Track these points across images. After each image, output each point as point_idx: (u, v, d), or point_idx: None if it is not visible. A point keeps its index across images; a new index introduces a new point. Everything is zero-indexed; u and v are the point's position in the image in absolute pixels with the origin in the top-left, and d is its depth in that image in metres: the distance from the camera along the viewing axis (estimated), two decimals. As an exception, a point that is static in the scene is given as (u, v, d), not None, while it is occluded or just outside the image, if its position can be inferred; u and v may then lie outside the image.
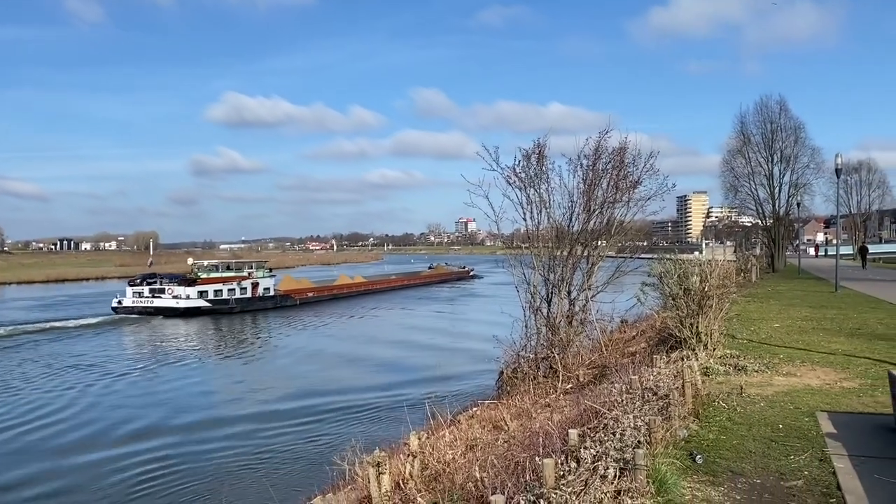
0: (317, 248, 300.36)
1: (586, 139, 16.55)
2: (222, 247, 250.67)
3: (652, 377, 8.40)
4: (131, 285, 54.44)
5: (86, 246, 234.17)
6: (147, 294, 53.02)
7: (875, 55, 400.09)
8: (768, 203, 51.18)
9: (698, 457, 6.98)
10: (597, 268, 17.18)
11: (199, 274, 56.19)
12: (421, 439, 9.73)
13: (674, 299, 13.40)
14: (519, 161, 16.27)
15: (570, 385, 14.41)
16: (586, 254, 16.97)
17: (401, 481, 8.52)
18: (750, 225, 70.44)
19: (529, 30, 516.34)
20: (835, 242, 49.80)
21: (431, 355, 31.38)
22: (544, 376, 15.22)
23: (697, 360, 11.12)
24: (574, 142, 16.85)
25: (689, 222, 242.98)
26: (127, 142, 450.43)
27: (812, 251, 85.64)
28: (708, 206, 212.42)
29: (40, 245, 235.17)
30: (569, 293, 16.60)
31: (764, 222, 53.16)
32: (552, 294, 16.37)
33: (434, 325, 45.81)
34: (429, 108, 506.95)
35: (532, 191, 16.47)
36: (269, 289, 59.74)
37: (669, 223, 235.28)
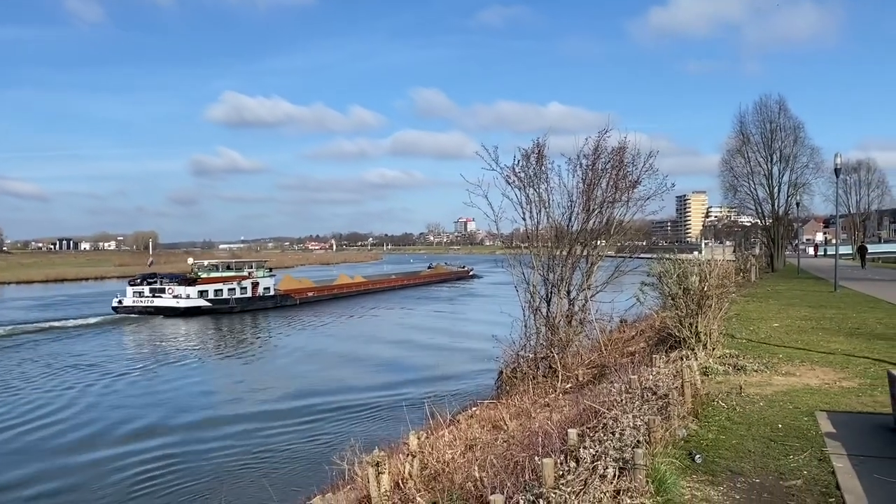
0: (316, 247, 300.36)
1: (586, 139, 16.58)
2: (222, 246, 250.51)
3: (651, 377, 8.40)
4: (132, 285, 54.47)
5: (85, 246, 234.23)
6: (147, 294, 53.05)
7: (875, 55, 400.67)
8: (767, 203, 51.30)
9: (697, 456, 6.99)
10: (596, 267, 17.18)
11: (200, 274, 56.25)
12: (420, 439, 9.74)
13: (673, 299, 13.40)
14: (518, 161, 16.28)
15: (569, 385, 14.42)
16: (586, 253, 16.96)
17: (400, 481, 8.53)
18: (749, 224, 70.50)
19: (529, 30, 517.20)
20: (834, 242, 49.82)
21: (431, 355, 31.44)
22: (544, 376, 15.22)
23: (697, 359, 11.13)
24: (573, 141, 16.88)
25: (689, 222, 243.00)
26: (127, 142, 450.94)
27: (811, 251, 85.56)
28: (707, 206, 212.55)
29: (39, 245, 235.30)
30: (568, 293, 16.60)
31: (763, 222, 53.21)
32: (551, 294, 16.37)
33: (433, 325, 45.82)
34: (429, 108, 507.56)
35: (531, 190, 16.48)
36: (269, 288, 59.76)
37: (669, 223, 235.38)
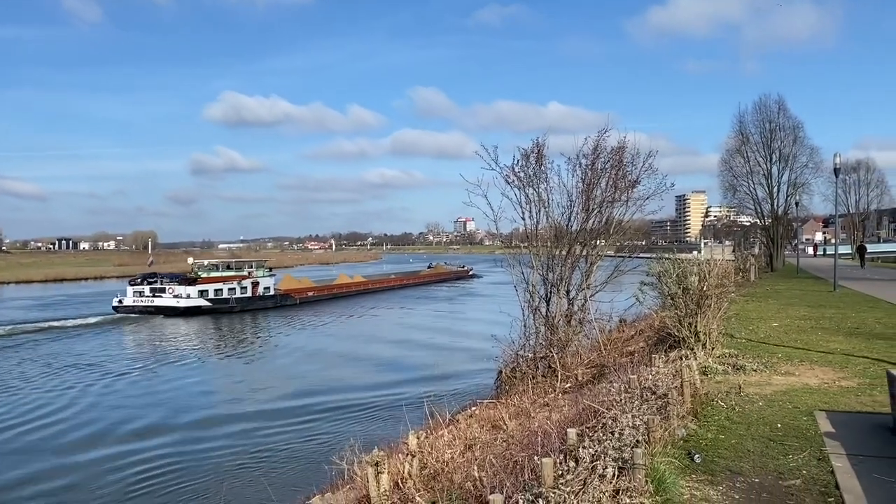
0: (315, 247, 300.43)
1: (585, 139, 16.59)
2: (221, 246, 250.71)
3: (650, 376, 8.40)
4: (132, 284, 54.46)
5: (84, 245, 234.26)
6: (148, 293, 53.04)
7: (874, 55, 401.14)
8: (767, 202, 51.27)
9: (697, 456, 7.00)
10: (595, 267, 17.18)
11: (200, 273, 56.21)
12: (420, 438, 9.74)
13: (672, 299, 13.40)
14: (518, 160, 16.29)
15: (568, 384, 14.42)
16: (585, 253, 16.97)
17: (399, 480, 8.53)
18: (748, 224, 70.46)
19: (528, 29, 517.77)
20: (833, 242, 49.83)
21: (430, 354, 31.40)
22: (543, 376, 15.22)
23: (696, 359, 11.13)
24: (573, 141, 16.83)
25: (688, 222, 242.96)
26: (126, 141, 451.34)
27: (810, 250, 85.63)
28: (706, 206, 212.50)
29: (39, 245, 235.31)
30: (567, 292, 16.61)
31: (762, 222, 53.19)
32: (551, 293, 16.38)
33: (433, 325, 45.81)
34: (428, 107, 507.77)
35: (531, 190, 16.48)
36: (269, 288, 59.73)
37: (668, 222, 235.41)
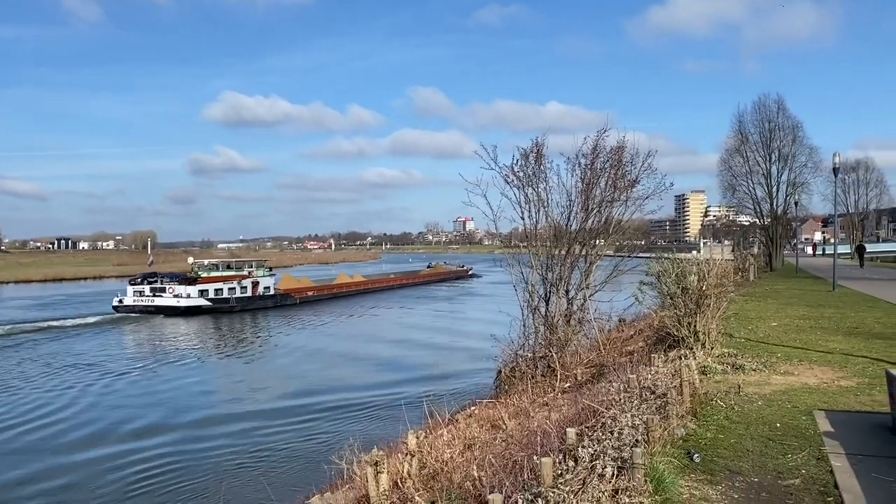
0: (315, 247, 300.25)
1: (584, 138, 16.61)
2: (220, 246, 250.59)
3: (650, 376, 8.41)
4: (132, 284, 54.50)
5: (83, 245, 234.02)
6: (148, 293, 53.06)
7: (874, 55, 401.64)
8: (766, 202, 51.28)
9: (696, 455, 7.00)
10: (595, 267, 17.19)
11: (200, 273, 56.24)
12: (419, 438, 9.75)
13: (672, 298, 13.41)
14: (517, 160, 16.30)
15: (568, 384, 14.42)
16: (584, 253, 16.97)
17: (399, 480, 8.54)
18: (748, 224, 70.44)
19: (528, 29, 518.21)
20: (832, 241, 49.84)
21: (430, 354, 31.42)
22: (542, 375, 15.23)
23: (695, 358, 11.13)
24: (572, 141, 16.87)
25: (687, 221, 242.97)
26: (125, 141, 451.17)
27: (809, 250, 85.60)
28: (706, 206, 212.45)
29: (38, 244, 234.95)
30: (567, 292, 16.61)
31: (762, 221, 53.18)
32: (550, 293, 16.38)
33: (432, 324, 45.83)
34: (427, 107, 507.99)
35: (530, 190, 16.49)
36: (269, 288, 59.75)
37: (667, 222, 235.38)
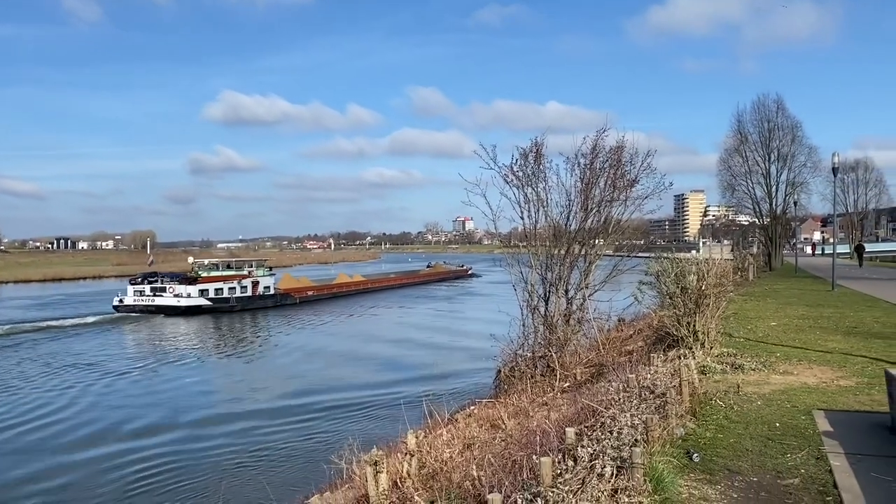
0: (314, 246, 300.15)
1: (584, 138, 16.55)
2: (219, 245, 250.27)
3: (649, 376, 8.42)
4: (132, 284, 54.58)
5: (83, 245, 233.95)
6: (148, 292, 53.14)
7: (873, 54, 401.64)
8: (765, 202, 51.30)
9: (695, 455, 7.01)
10: (594, 266, 17.18)
11: (200, 273, 56.31)
12: (418, 438, 9.75)
13: (671, 298, 13.42)
14: (516, 160, 16.26)
15: (567, 384, 14.43)
16: (584, 252, 16.97)
17: (398, 480, 8.54)
18: (747, 223, 70.50)
19: (527, 29, 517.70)
20: (832, 241, 49.87)
21: (429, 353, 31.43)
22: (542, 375, 15.23)
23: (694, 358, 11.13)
24: (572, 140, 16.82)
25: (687, 221, 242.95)
26: (124, 140, 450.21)
27: (809, 250, 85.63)
28: (705, 205, 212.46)
29: (37, 244, 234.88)
30: (566, 292, 16.61)
31: (761, 221, 53.19)
32: (550, 293, 16.38)
33: (432, 324, 45.85)
34: (426, 106, 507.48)
35: (529, 189, 16.46)
36: (269, 287, 59.82)
37: (667, 222, 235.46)
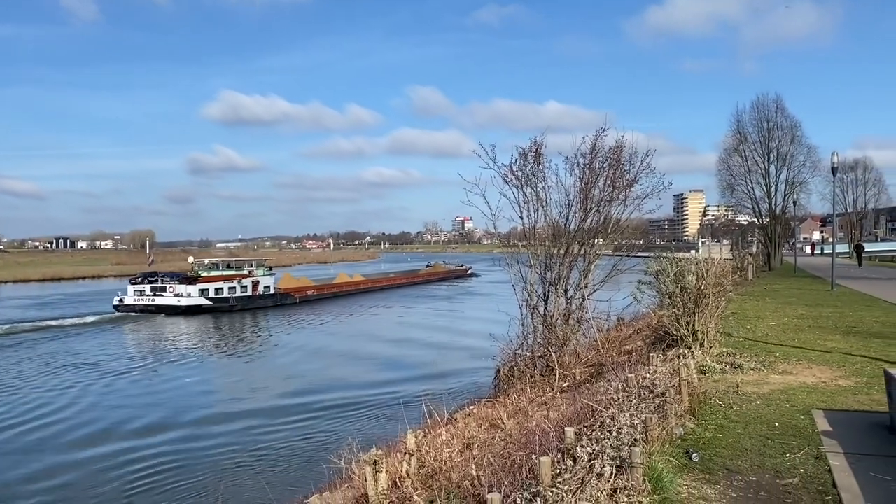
0: (314, 246, 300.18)
1: (583, 137, 16.57)
2: (219, 245, 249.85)
3: (648, 375, 8.42)
4: (133, 283, 54.61)
5: (82, 244, 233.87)
6: (148, 292, 53.18)
7: (872, 54, 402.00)
8: (764, 201, 51.33)
9: (694, 455, 7.00)
10: (593, 266, 17.19)
11: (200, 272, 56.35)
12: (418, 437, 9.74)
13: (670, 297, 13.41)
14: (516, 159, 16.27)
15: (566, 383, 14.43)
16: (583, 252, 16.98)
17: (397, 479, 8.54)
18: (746, 223, 70.58)
19: (526, 29, 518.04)
20: (831, 241, 49.90)
21: (429, 353, 31.46)
22: (541, 374, 15.23)
23: (694, 358, 11.14)
24: (571, 140, 16.83)
25: (686, 221, 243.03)
26: (124, 140, 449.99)
27: (808, 249, 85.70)
28: (704, 205, 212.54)
29: (36, 244, 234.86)
30: (565, 291, 16.61)
31: (760, 220, 53.21)
32: (549, 292, 16.38)
33: (432, 323, 45.86)
34: (426, 106, 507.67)
35: (529, 189, 16.47)
36: (269, 287, 59.86)
37: (666, 221, 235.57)
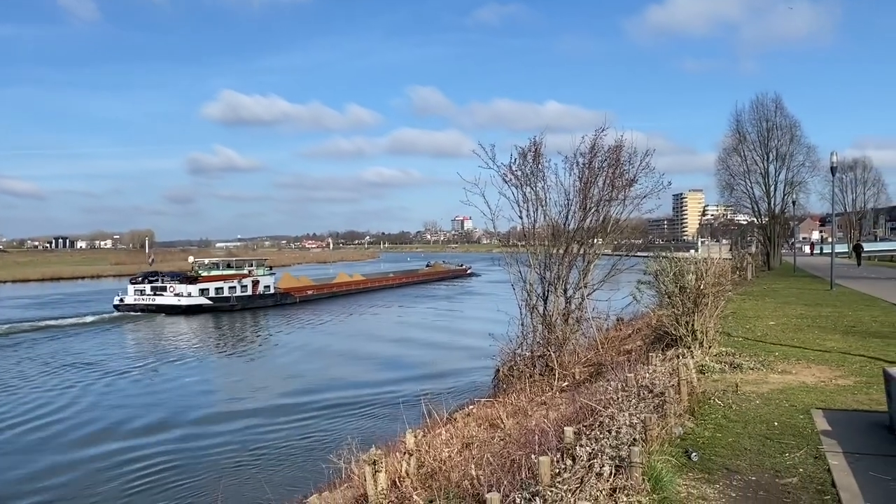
0: (313, 246, 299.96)
1: (582, 137, 16.57)
2: (218, 245, 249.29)
3: (648, 375, 8.43)
4: (133, 283, 54.66)
5: (81, 244, 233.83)
6: (149, 292, 53.23)
7: (872, 54, 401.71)
8: (764, 201, 51.32)
9: (694, 454, 7.01)
10: (593, 266, 17.20)
11: (200, 272, 56.36)
12: (417, 437, 9.76)
13: (669, 297, 13.42)
14: (515, 159, 16.27)
15: (566, 383, 14.44)
16: (582, 252, 16.98)
17: (397, 479, 8.55)
18: (746, 223, 70.63)
19: (526, 28, 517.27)
20: (830, 240, 49.92)
21: (428, 353, 31.50)
22: (540, 374, 15.24)
23: (693, 357, 11.15)
24: (570, 140, 16.82)
25: (685, 220, 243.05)
26: (123, 140, 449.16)
27: (807, 249, 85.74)
28: (704, 205, 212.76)
29: (36, 243, 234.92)
30: (565, 291, 16.61)
31: (759, 220, 53.22)
32: (548, 292, 16.38)
33: (431, 323, 45.88)
34: (425, 106, 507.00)
35: (528, 189, 16.47)
36: (269, 286, 59.88)
37: (665, 221, 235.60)
